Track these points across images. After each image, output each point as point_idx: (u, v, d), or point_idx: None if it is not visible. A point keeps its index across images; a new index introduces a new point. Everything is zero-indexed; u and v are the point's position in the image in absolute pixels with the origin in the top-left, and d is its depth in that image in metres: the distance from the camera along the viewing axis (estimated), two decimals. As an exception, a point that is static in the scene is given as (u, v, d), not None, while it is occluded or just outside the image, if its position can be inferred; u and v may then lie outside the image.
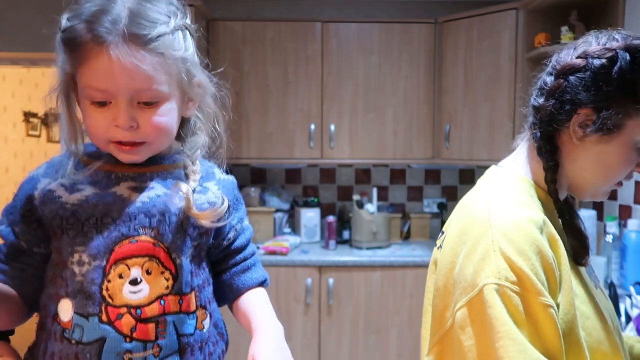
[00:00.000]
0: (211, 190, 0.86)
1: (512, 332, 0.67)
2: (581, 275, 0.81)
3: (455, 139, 2.70)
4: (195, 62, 0.82)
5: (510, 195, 0.80)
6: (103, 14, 0.71)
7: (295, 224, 2.95)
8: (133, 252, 0.76)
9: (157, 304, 0.76)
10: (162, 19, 0.74)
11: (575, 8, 2.26)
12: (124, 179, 0.79)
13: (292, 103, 2.75)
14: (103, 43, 0.70)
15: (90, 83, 0.72)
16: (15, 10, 2.74)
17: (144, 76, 0.72)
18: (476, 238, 0.75)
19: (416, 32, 2.74)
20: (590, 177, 0.81)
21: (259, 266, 0.96)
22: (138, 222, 0.77)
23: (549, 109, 0.80)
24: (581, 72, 0.77)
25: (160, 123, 0.76)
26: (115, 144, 0.76)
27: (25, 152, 4.51)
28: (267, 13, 2.98)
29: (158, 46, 0.73)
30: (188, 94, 0.81)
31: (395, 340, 2.56)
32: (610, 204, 2.27)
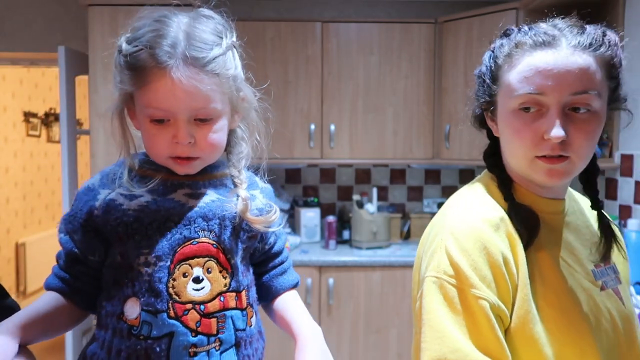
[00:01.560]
0: (257, 197, 0.92)
1: (433, 319, 0.73)
2: (559, 272, 0.81)
3: (455, 139, 2.70)
4: (242, 78, 0.87)
5: (474, 196, 0.86)
6: (162, 38, 0.75)
7: (295, 224, 2.95)
8: (195, 253, 0.82)
9: (217, 301, 0.82)
10: (216, 41, 0.79)
11: (575, 8, 2.25)
12: (180, 187, 0.85)
13: (292, 103, 2.75)
14: (165, 67, 0.74)
15: (152, 103, 0.77)
16: (15, 10, 2.74)
17: (203, 96, 0.77)
18: (432, 237, 0.82)
19: (416, 32, 2.74)
20: (508, 159, 0.86)
21: (292, 269, 1.02)
22: (197, 225, 0.83)
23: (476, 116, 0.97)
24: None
25: (215, 139, 0.81)
26: (173, 159, 0.81)
27: (25, 152, 4.51)
28: (267, 13, 2.98)
29: (215, 67, 0.77)
30: (236, 109, 0.86)
31: (395, 340, 2.56)
32: (610, 204, 2.27)
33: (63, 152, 2.45)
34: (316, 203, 2.95)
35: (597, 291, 0.83)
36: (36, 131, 4.62)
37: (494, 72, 0.86)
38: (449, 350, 0.70)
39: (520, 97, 0.79)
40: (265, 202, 0.92)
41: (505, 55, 0.84)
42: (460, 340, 0.70)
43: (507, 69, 0.83)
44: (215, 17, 0.83)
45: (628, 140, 2.08)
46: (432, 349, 0.72)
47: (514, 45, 0.82)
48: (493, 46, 0.89)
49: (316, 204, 2.94)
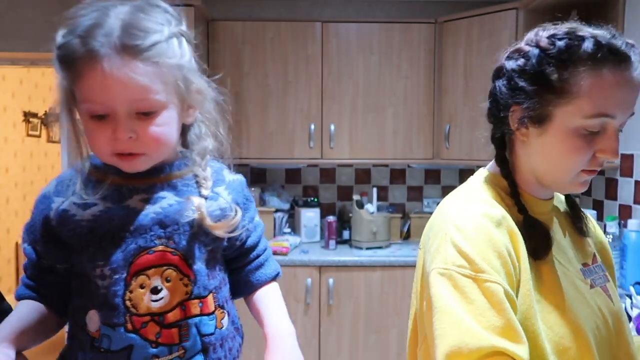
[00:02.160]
0: (222, 196, 0.87)
1: (446, 306, 0.71)
2: (553, 270, 0.82)
3: (455, 139, 2.70)
4: (193, 68, 0.81)
5: (473, 193, 0.85)
6: (97, 27, 0.71)
7: (295, 224, 2.95)
8: (152, 263, 0.79)
9: (178, 310, 0.79)
10: (156, 28, 0.74)
11: (575, 8, 2.25)
12: (135, 192, 0.81)
13: (292, 103, 2.75)
14: (97, 57, 0.70)
15: (88, 97, 0.73)
16: (15, 10, 2.74)
17: (139, 86, 0.72)
18: (435, 233, 0.80)
19: (416, 32, 2.74)
20: (545, 169, 0.82)
21: (271, 261, 0.98)
22: (153, 233, 0.79)
23: (491, 112, 0.87)
24: (503, 74, 0.84)
25: (159, 133, 0.76)
26: (116, 156, 0.76)
27: (25, 152, 4.51)
28: (267, 13, 2.98)
29: (152, 55, 0.72)
30: (187, 101, 0.81)
31: (395, 340, 2.56)
32: (610, 204, 2.27)
33: (63, 152, 2.45)
34: (316, 203, 2.95)
35: (587, 289, 0.85)
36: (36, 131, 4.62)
37: (554, 81, 0.77)
38: (468, 335, 0.68)
39: (594, 120, 0.76)
40: (229, 200, 0.87)
41: (573, 66, 0.76)
42: (477, 327, 0.68)
43: (577, 82, 0.75)
44: (162, 5, 0.78)
45: (628, 140, 2.08)
46: (449, 335, 0.69)
47: (587, 57, 0.75)
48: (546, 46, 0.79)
49: (316, 204, 2.94)
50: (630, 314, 1.56)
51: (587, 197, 2.48)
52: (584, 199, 2.47)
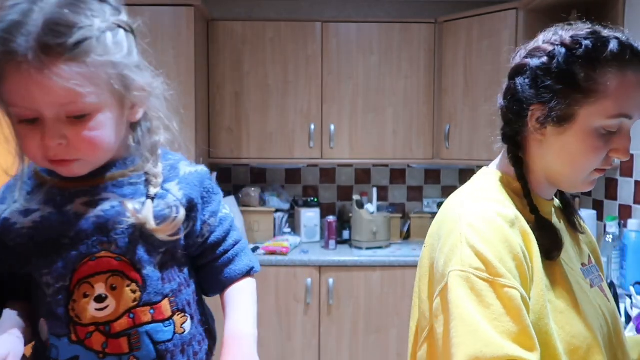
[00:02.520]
0: (171, 192, 0.80)
1: (464, 313, 0.70)
2: (562, 270, 0.82)
3: (455, 139, 2.70)
4: (132, 63, 0.73)
5: (483, 192, 0.84)
6: (18, 25, 0.64)
7: (295, 224, 2.95)
8: (95, 270, 0.75)
9: (126, 318, 0.75)
10: (84, 22, 0.66)
11: (575, 8, 2.26)
12: (78, 195, 0.76)
13: (292, 103, 2.75)
14: (16, 59, 0.64)
15: (12, 101, 0.67)
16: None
17: (65, 90, 0.65)
18: (447, 232, 0.78)
19: (416, 32, 2.74)
20: (560, 168, 0.82)
21: (243, 255, 0.90)
22: (96, 238, 0.75)
23: (505, 110, 0.86)
24: (525, 72, 0.82)
25: (93, 137, 0.70)
26: (50, 162, 0.71)
27: (25, 152, 4.51)
28: (267, 13, 2.98)
29: (78, 54, 0.65)
30: (128, 100, 0.74)
31: (395, 340, 2.56)
32: (610, 204, 2.27)
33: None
34: (316, 203, 2.95)
35: (588, 288, 0.86)
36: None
37: (582, 81, 0.76)
38: (484, 344, 0.67)
39: (615, 120, 0.77)
40: (180, 196, 0.80)
41: (600, 66, 0.76)
42: (492, 333, 0.68)
43: (604, 83, 0.76)
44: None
45: (628, 140, 2.07)
46: (466, 344, 0.68)
47: (613, 57, 0.76)
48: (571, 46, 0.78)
49: (316, 204, 2.94)
50: (630, 313, 1.56)
51: (587, 197, 2.48)
52: (584, 199, 2.47)
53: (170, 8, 2.39)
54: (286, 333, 2.55)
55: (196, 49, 2.43)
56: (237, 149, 2.76)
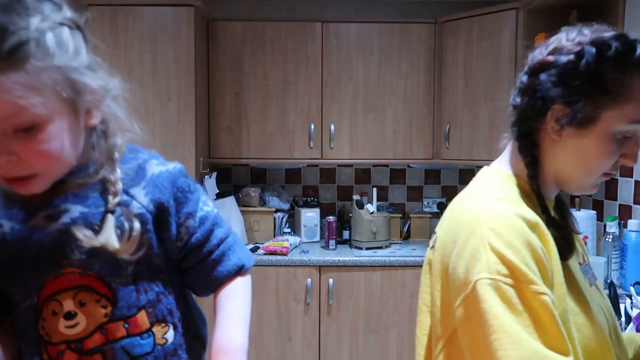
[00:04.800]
0: (137, 198, 0.74)
1: (505, 324, 0.67)
2: (571, 271, 0.82)
3: (455, 139, 2.70)
4: (81, 64, 0.65)
5: (496, 192, 0.81)
6: None
7: (295, 224, 2.95)
8: (61, 287, 0.71)
9: (98, 334, 0.72)
10: (18, 24, 0.58)
11: (575, 8, 2.26)
12: (39, 208, 0.71)
13: (292, 103, 2.75)
14: None
15: None
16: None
17: (5, 103, 0.58)
18: (466, 236, 0.75)
19: (416, 32, 2.74)
20: (572, 170, 0.81)
21: (231, 254, 0.84)
22: (59, 254, 0.70)
23: (525, 107, 0.82)
24: (550, 69, 0.79)
25: (45, 150, 0.63)
26: (5, 181, 0.65)
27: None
28: (267, 13, 2.98)
29: (15, 62, 0.57)
30: (81, 105, 0.67)
31: (395, 340, 2.56)
32: (610, 204, 2.27)
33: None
34: (316, 203, 2.95)
35: (589, 287, 0.85)
36: None
37: (610, 83, 0.75)
38: (530, 354, 0.65)
39: (634, 125, 0.76)
40: (146, 202, 0.74)
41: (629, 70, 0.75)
42: (535, 342, 0.66)
43: (631, 87, 0.75)
44: None
45: (628, 140, 2.07)
46: (513, 356, 0.66)
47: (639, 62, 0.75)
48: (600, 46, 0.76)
49: (316, 204, 2.94)
50: (630, 313, 1.56)
51: (587, 197, 2.48)
52: (584, 199, 2.47)
53: (170, 8, 2.39)
54: (286, 333, 2.55)
55: (196, 49, 2.43)
56: (237, 149, 2.76)
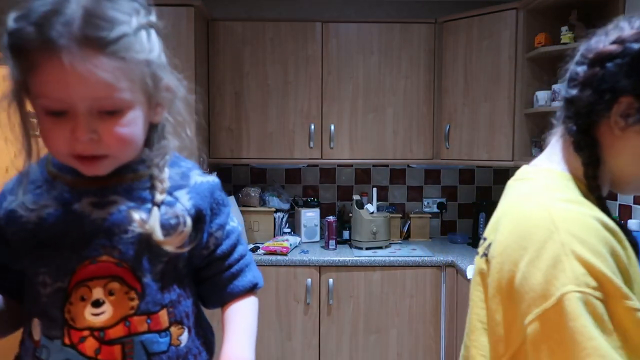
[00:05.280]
0: (181, 201, 0.78)
1: (601, 348, 0.59)
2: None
3: (455, 139, 2.70)
4: (163, 63, 0.73)
5: (562, 193, 0.73)
6: (55, 15, 0.62)
7: (295, 224, 2.95)
8: (94, 274, 0.73)
9: (121, 326, 0.73)
10: (123, 18, 0.66)
11: (575, 8, 2.26)
12: (86, 194, 0.74)
13: (292, 103, 2.75)
14: (54, 48, 0.62)
15: (43, 92, 0.65)
16: (15, 10, 2.74)
17: (103, 84, 0.65)
18: (540, 242, 0.67)
19: (416, 32, 2.74)
20: (634, 170, 0.74)
21: (247, 271, 0.89)
22: (99, 241, 0.73)
23: (586, 100, 0.74)
24: (619, 58, 0.72)
25: (124, 134, 0.69)
26: (76, 158, 0.69)
27: (25, 152, 4.51)
28: (267, 13, 2.98)
29: (118, 49, 0.65)
30: (155, 99, 0.73)
31: (395, 340, 2.56)
32: (610, 204, 2.27)
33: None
34: (316, 203, 2.95)
35: None
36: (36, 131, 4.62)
37: None
38: None
39: None
40: (189, 206, 0.78)
41: None
42: None
43: None
44: None
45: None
46: None
47: None
48: None
49: (316, 204, 2.94)
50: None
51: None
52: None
53: (170, 8, 2.39)
54: (286, 333, 2.55)
55: (196, 49, 2.43)
56: (237, 149, 2.76)
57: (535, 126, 2.48)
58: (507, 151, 2.51)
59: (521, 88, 2.45)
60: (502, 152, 2.53)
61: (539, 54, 2.33)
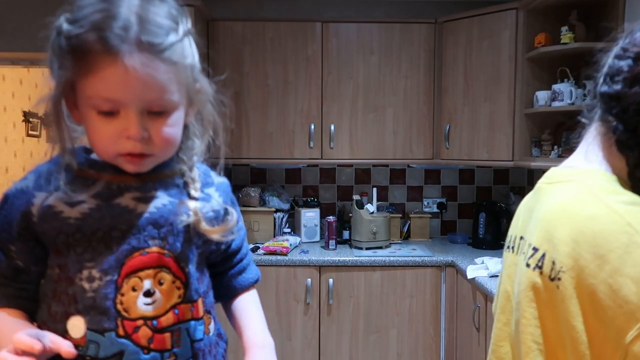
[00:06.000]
0: (213, 197, 0.85)
1: None
2: None
3: (455, 139, 2.70)
4: (199, 67, 0.78)
5: (622, 195, 0.68)
6: (112, 19, 0.66)
7: (295, 224, 2.95)
8: (145, 264, 0.75)
9: (171, 314, 0.77)
10: (172, 26, 0.70)
11: (575, 8, 2.25)
12: (127, 189, 0.77)
13: (292, 103, 2.75)
14: (117, 52, 0.65)
15: (100, 93, 0.68)
16: (15, 10, 2.74)
17: (159, 86, 0.69)
18: (621, 249, 0.61)
19: (416, 32, 2.74)
20: None
21: (252, 265, 0.97)
22: (147, 233, 0.76)
23: (638, 97, 0.68)
24: None
25: (170, 134, 0.73)
26: (124, 156, 0.72)
27: (25, 152, 4.51)
28: (267, 13, 2.98)
29: (172, 55, 0.69)
30: (192, 101, 0.78)
31: (395, 340, 2.56)
32: None
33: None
34: (316, 203, 2.95)
35: None
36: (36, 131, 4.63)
37: None
38: None
39: None
40: (221, 202, 0.86)
41: None
42: None
43: None
44: (169, 0, 0.73)
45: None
46: None
47: None
48: None
49: (316, 204, 2.94)
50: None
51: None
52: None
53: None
54: (286, 333, 2.55)
55: (196, 49, 2.42)
56: (237, 149, 2.76)
57: (535, 126, 2.48)
58: (507, 151, 2.51)
59: (521, 88, 2.45)
60: (502, 152, 2.53)
61: (539, 54, 2.33)
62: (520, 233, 0.83)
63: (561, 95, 2.24)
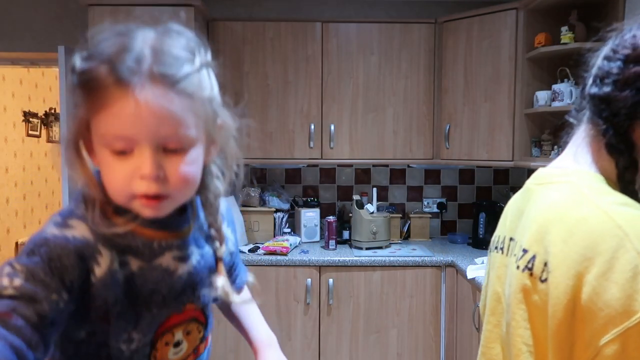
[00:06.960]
0: (227, 236, 0.85)
1: None
2: None
3: (455, 139, 2.70)
4: (219, 101, 0.72)
5: (614, 196, 0.68)
6: (124, 51, 0.62)
7: (295, 224, 2.95)
8: (179, 321, 0.78)
9: (192, 355, 0.81)
10: (187, 56, 0.66)
11: (575, 8, 2.26)
12: (168, 248, 0.74)
13: (292, 103, 2.75)
14: (128, 84, 0.61)
15: (112, 130, 0.63)
16: (15, 10, 2.74)
17: (173, 120, 0.64)
18: (609, 251, 0.61)
19: (416, 32, 2.74)
20: None
21: (241, 265, 0.98)
22: (186, 296, 0.77)
23: (627, 100, 0.67)
24: None
25: (188, 173, 0.67)
26: (139, 199, 0.66)
27: (25, 152, 4.51)
28: (267, 13, 2.98)
29: (187, 87, 0.64)
30: (212, 137, 0.72)
31: (395, 340, 2.56)
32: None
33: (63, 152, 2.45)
34: (316, 203, 2.95)
35: None
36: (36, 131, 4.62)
37: None
38: None
39: None
40: (234, 240, 0.89)
41: None
42: None
43: None
44: (187, 33, 0.69)
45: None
46: None
47: None
48: None
49: (316, 204, 2.94)
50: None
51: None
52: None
53: (170, 8, 2.39)
54: (286, 333, 2.55)
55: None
56: (237, 149, 2.75)
57: (535, 126, 2.48)
58: (507, 151, 2.51)
59: (521, 88, 2.45)
60: (502, 152, 2.53)
61: (539, 54, 2.33)
62: (509, 234, 0.82)
63: (561, 95, 2.24)
